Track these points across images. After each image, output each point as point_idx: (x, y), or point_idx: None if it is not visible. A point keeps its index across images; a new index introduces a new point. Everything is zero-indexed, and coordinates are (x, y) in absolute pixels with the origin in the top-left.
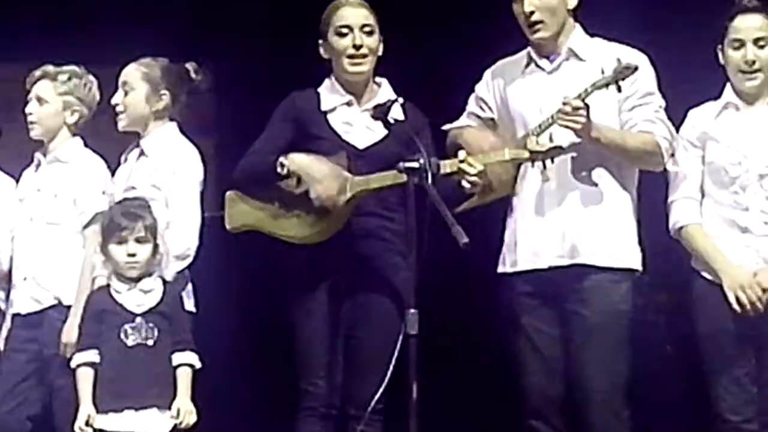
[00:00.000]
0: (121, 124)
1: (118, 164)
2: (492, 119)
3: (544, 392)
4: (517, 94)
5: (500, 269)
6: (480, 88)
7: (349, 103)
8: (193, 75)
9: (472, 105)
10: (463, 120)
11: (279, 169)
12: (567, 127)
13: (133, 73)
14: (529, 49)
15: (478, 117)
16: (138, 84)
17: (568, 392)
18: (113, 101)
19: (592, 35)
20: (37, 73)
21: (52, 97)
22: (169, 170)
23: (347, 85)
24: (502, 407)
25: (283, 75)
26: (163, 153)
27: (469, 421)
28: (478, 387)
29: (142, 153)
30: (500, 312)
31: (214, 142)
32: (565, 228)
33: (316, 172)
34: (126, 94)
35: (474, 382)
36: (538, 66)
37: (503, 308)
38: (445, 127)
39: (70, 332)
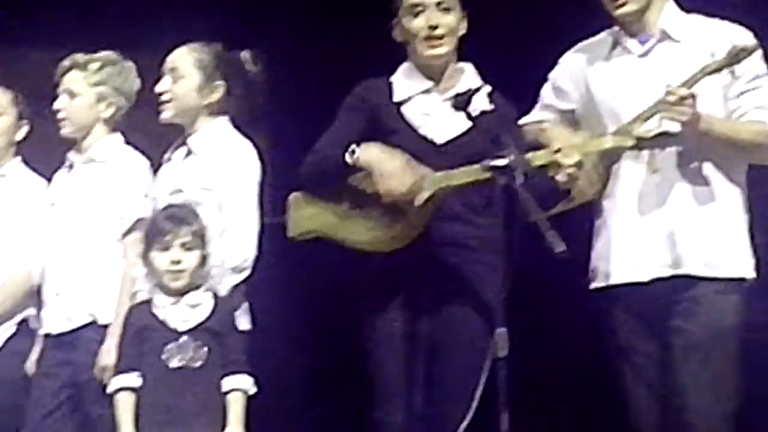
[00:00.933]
0: (166, 114)
1: (159, 164)
2: (572, 111)
3: (648, 420)
4: (602, 82)
5: (593, 284)
6: (556, 76)
7: (427, 91)
8: (248, 65)
9: (548, 96)
10: (537, 113)
11: (348, 158)
12: (672, 119)
13: (184, 58)
14: (613, 28)
15: (556, 109)
16: (190, 71)
17: (671, 417)
18: (158, 89)
19: (687, 10)
20: (66, 63)
21: (84, 89)
22: (223, 170)
23: (426, 70)
24: None
25: (348, 61)
26: (214, 151)
27: None
28: (573, 415)
29: (190, 151)
30: (595, 331)
31: (267, 137)
32: (669, 234)
33: (387, 166)
34: (174, 81)
35: (568, 410)
36: (625, 48)
37: (600, 327)
38: (520, 121)
39: (107, 354)
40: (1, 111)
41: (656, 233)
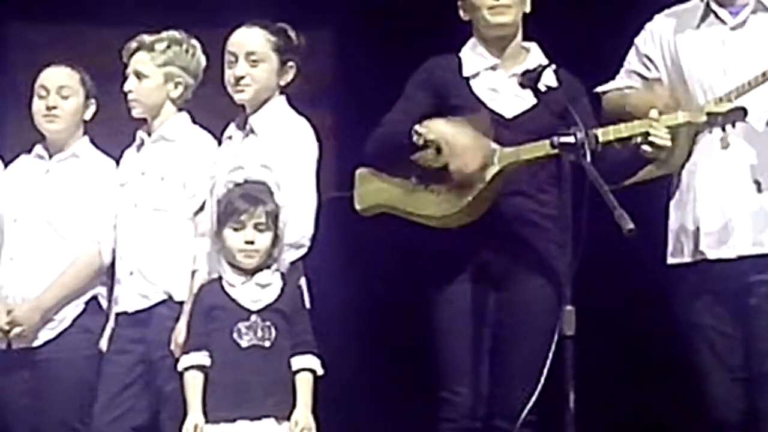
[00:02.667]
0: (245, 97)
1: (219, 141)
2: (658, 79)
3: (728, 404)
4: (693, 53)
5: (672, 260)
6: (643, 42)
7: (494, 68)
8: (296, 40)
9: (633, 62)
10: (621, 80)
11: (415, 138)
12: None
13: (263, 43)
14: None
15: (641, 77)
16: (269, 55)
17: (748, 398)
18: (238, 73)
19: None
20: (133, 44)
21: (151, 70)
22: (281, 149)
23: (492, 46)
24: (674, 419)
25: (411, 37)
26: (274, 130)
27: None
28: (645, 396)
29: (251, 131)
30: (672, 310)
31: (331, 114)
32: (754, 212)
33: (458, 142)
34: (253, 65)
35: (640, 391)
36: (718, 18)
37: (676, 305)
38: (599, 89)
39: (183, 332)
40: (70, 92)
41: (741, 210)
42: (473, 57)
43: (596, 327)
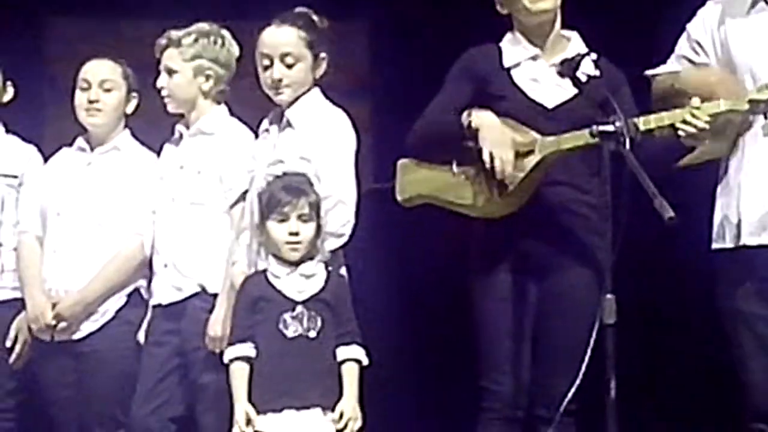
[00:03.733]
0: (285, 98)
1: (256, 134)
2: (707, 65)
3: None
4: (741, 39)
5: (715, 245)
6: (694, 28)
7: (534, 58)
8: (320, 25)
9: (683, 47)
10: (671, 64)
11: (464, 121)
12: None
13: (296, 42)
14: None
15: (691, 62)
16: (303, 54)
17: None
18: (275, 76)
19: None
20: (162, 41)
21: (180, 65)
22: (320, 141)
23: (532, 35)
24: (715, 408)
25: (448, 29)
26: (311, 122)
27: (676, 422)
28: (686, 384)
29: (288, 124)
30: (714, 296)
31: (368, 107)
32: None
33: (496, 134)
34: (290, 66)
35: (681, 378)
36: (767, 5)
37: (718, 291)
38: (649, 72)
39: (217, 324)
40: (112, 85)
41: None
42: (514, 47)
43: (638, 315)
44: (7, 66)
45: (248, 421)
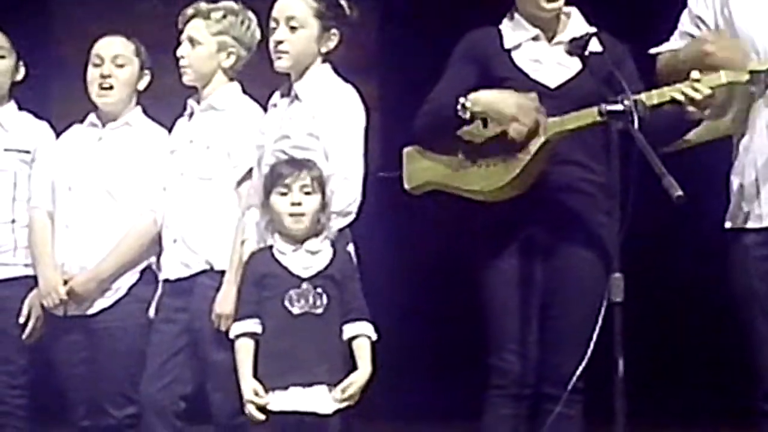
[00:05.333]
0: (283, 64)
1: (264, 109)
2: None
3: None
4: (744, 12)
5: (728, 224)
6: (695, 3)
7: (535, 38)
8: (347, 11)
9: (685, 23)
10: (674, 42)
11: (461, 112)
12: None
13: (302, 8)
14: None
15: (693, 38)
16: (309, 22)
17: None
18: (276, 38)
19: None
20: (189, 11)
21: (206, 37)
22: (328, 116)
23: (533, 19)
24: (722, 387)
25: (457, 10)
26: (319, 96)
27: (682, 400)
28: (694, 363)
29: (296, 97)
30: (727, 275)
31: (377, 86)
32: None
33: (508, 105)
34: (292, 31)
35: (689, 358)
36: None
37: (731, 270)
38: (654, 50)
39: (224, 302)
40: (125, 61)
41: None
42: (514, 28)
43: (650, 293)
44: (16, 44)
45: (257, 395)
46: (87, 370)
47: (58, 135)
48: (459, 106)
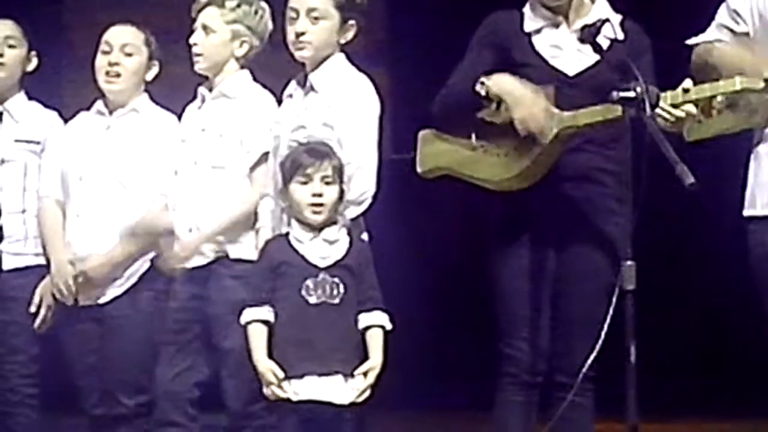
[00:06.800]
0: (306, 54)
1: (280, 100)
2: (747, 34)
3: None
4: None
5: (749, 212)
6: None
7: (556, 24)
8: (357, 0)
9: (722, 16)
10: (711, 33)
11: (479, 88)
12: None
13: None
14: None
15: (731, 31)
16: (330, 12)
17: None
18: (298, 29)
19: None
20: None
21: (220, 25)
22: (343, 106)
23: (552, 3)
24: (735, 375)
25: None
26: (334, 87)
27: (694, 388)
28: (707, 352)
29: (311, 88)
30: (747, 262)
31: (388, 73)
32: None
33: (521, 95)
34: (314, 22)
35: (702, 347)
36: None
37: (751, 257)
38: (691, 41)
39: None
40: (134, 50)
41: None
42: (535, 12)
43: (665, 281)
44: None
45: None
46: (98, 359)
47: (65, 122)
48: (478, 84)
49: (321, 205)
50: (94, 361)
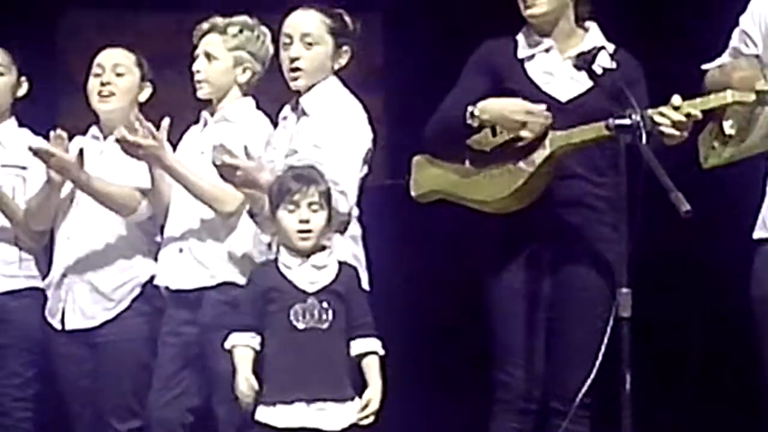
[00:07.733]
0: (300, 83)
1: (275, 124)
2: (757, 56)
3: None
4: None
5: (758, 234)
6: (745, 20)
7: (548, 50)
8: (351, 26)
9: (735, 39)
10: (725, 58)
11: (470, 120)
12: None
13: (317, 24)
14: None
15: (741, 53)
16: (324, 38)
17: None
18: (292, 54)
19: None
20: (205, 25)
21: (222, 52)
22: (330, 126)
23: (540, 29)
24: (732, 403)
25: (462, 21)
26: (324, 109)
27: (692, 415)
28: (707, 378)
29: (303, 113)
30: (751, 285)
31: (382, 98)
32: None
33: (517, 114)
34: (309, 47)
35: (703, 373)
36: None
37: (754, 282)
38: (705, 66)
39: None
40: (125, 71)
41: None
42: (528, 38)
43: (655, 308)
44: (20, 59)
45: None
46: (91, 384)
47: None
48: (468, 114)
49: (309, 231)
50: (87, 385)
